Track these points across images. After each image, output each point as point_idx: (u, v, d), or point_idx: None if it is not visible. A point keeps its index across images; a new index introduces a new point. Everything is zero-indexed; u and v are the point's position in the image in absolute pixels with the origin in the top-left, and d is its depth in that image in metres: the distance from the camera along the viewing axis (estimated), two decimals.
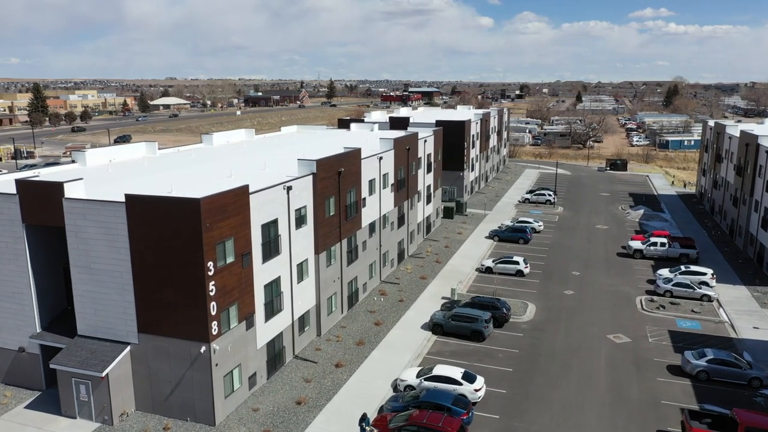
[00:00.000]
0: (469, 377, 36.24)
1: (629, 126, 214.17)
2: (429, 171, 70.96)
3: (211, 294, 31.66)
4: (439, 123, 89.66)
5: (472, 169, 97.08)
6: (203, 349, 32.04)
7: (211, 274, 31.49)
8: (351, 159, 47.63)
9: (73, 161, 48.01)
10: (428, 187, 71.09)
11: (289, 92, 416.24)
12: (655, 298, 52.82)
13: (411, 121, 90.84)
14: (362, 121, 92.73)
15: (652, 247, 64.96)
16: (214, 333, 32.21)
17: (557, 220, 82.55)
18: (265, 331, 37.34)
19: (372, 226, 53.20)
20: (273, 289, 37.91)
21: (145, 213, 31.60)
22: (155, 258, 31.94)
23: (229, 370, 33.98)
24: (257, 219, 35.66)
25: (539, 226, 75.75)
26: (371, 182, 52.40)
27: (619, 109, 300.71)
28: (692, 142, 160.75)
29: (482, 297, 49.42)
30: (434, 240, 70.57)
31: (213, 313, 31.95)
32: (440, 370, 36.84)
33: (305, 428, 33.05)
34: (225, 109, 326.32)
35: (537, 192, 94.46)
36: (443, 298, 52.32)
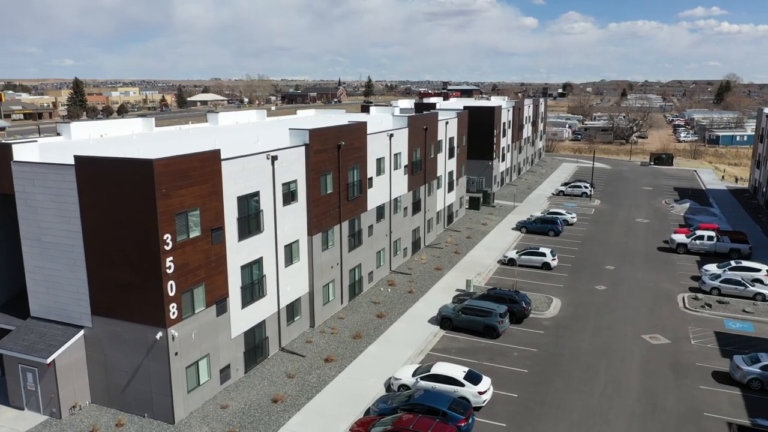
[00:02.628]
0: (474, 378, 31.07)
1: (677, 123, 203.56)
2: (451, 156, 65.70)
3: (169, 272, 27.36)
4: (467, 108, 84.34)
5: (503, 159, 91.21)
6: (159, 335, 27.78)
7: (168, 248, 27.20)
8: (354, 133, 42.92)
9: (58, 134, 44.63)
10: (450, 173, 65.82)
11: (327, 90, 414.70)
12: (699, 295, 46.45)
13: (438, 107, 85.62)
14: (388, 106, 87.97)
15: (698, 241, 58.25)
16: (173, 317, 27.91)
17: (593, 213, 76.16)
18: (242, 318, 32.92)
19: (380, 210, 48.37)
20: (253, 271, 33.47)
21: (96, 177, 27.55)
22: (108, 230, 27.85)
23: (194, 360, 29.66)
24: (232, 190, 31.26)
25: (572, 218, 69.61)
26: (380, 161, 47.58)
27: (667, 107, 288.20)
28: (745, 138, 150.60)
29: (499, 289, 44.00)
30: (456, 230, 65.26)
31: (171, 294, 27.64)
32: (440, 368, 31.77)
33: (277, 430, 28.44)
34: (262, 105, 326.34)
35: (572, 184, 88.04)
36: (457, 290, 47.12)
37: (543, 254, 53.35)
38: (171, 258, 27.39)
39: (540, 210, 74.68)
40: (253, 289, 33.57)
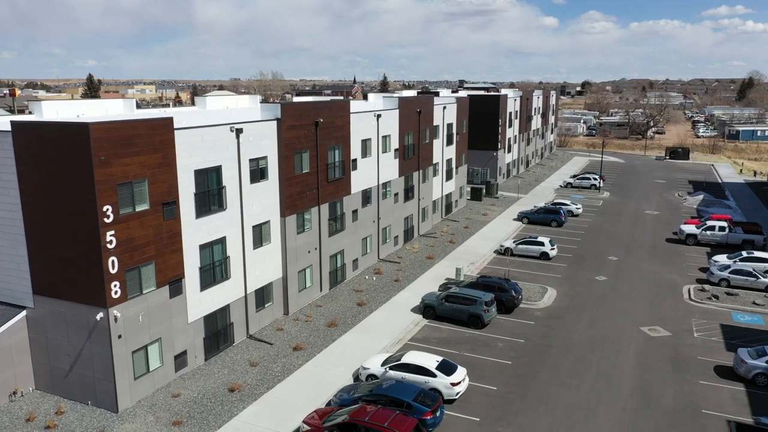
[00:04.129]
0: (447, 368, 28.44)
1: (696, 118, 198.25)
2: (450, 143, 63.01)
3: (110, 247, 25.16)
4: (470, 96, 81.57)
5: (509, 151, 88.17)
6: (100, 316, 25.60)
7: (108, 221, 25.01)
8: (335, 110, 40.50)
9: (30, 113, 42.80)
10: (448, 161, 63.14)
11: (343, 88, 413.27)
12: (707, 287, 43.27)
13: (442, 95, 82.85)
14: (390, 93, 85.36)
15: (708, 232, 54.92)
16: (115, 296, 25.71)
17: (601, 205, 72.94)
18: (202, 301, 30.65)
19: (366, 194, 45.89)
20: (214, 251, 31.20)
21: (33, 144, 25.45)
22: (47, 201, 25.76)
23: (142, 345, 27.45)
24: (188, 162, 29.02)
25: (577, 208, 66.51)
26: (366, 142, 45.11)
27: (687, 104, 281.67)
28: (766, 133, 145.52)
29: (488, 278, 41.25)
30: (453, 220, 62.55)
31: (113, 271, 25.44)
32: (411, 357, 29.20)
33: (228, 421, 26.12)
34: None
35: (581, 176, 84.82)
36: (447, 279, 44.49)
37: (541, 244, 50.48)
38: (112, 232, 25.19)
39: (545, 202, 71.63)
40: (214, 271, 31.30)
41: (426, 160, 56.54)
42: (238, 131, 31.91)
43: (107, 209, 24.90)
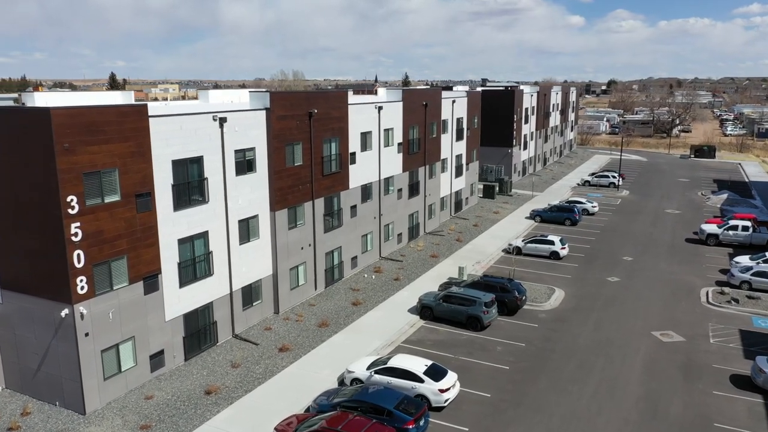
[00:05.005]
0: (436, 373, 26.55)
1: (724, 117, 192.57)
2: (459, 139, 60.95)
3: (75, 240, 23.79)
4: (483, 91, 79.42)
5: (525, 148, 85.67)
6: (65, 312, 24.26)
7: (73, 212, 23.63)
8: (331, 101, 38.82)
9: (23, 103, 41.91)
10: (458, 157, 61.08)
11: (365, 87, 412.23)
12: (726, 289, 40.64)
13: (456, 89, 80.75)
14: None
15: (731, 231, 52.06)
16: (82, 292, 24.34)
17: (619, 203, 70.20)
18: (181, 299, 29.20)
19: (366, 190, 44.14)
20: (195, 246, 29.73)
21: None
22: (12, 191, 24.50)
23: (113, 343, 26.06)
24: (165, 152, 27.57)
25: (593, 207, 63.94)
26: (366, 135, 43.36)
27: (716, 103, 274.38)
28: None
29: (491, 277, 39.19)
30: (463, 218, 60.48)
31: (79, 265, 24.08)
32: (398, 361, 27.36)
33: (199, 426, 24.57)
34: None
35: (599, 174, 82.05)
36: (449, 278, 42.54)
37: (551, 242, 48.21)
38: (77, 224, 23.81)
39: (560, 200, 69.09)
40: (195, 267, 29.83)
41: (433, 155, 54.58)
42: (222, 120, 30.40)
43: (71, 200, 23.53)
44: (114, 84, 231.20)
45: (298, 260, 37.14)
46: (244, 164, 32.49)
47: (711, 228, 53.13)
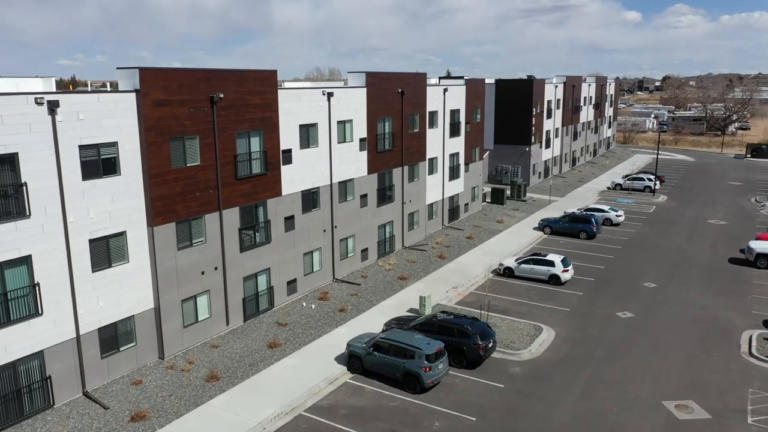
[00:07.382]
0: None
1: None
2: (456, 134, 51.49)
3: None
4: (498, 82, 69.72)
5: (547, 146, 75.21)
6: None
7: None
8: (249, 83, 30.22)
9: None
10: (453, 156, 51.64)
11: None
12: None
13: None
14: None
15: None
16: None
17: (652, 211, 59.31)
18: None
19: (310, 196, 35.41)
20: (6, 277, 21.61)
21: None
22: None
23: None
24: None
25: (618, 215, 53.46)
26: (308, 128, 34.62)
27: None
28: None
29: (449, 315, 29.66)
30: (457, 228, 51.01)
31: None
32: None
33: None
34: None
35: (634, 177, 70.97)
36: (409, 310, 33.44)
37: (551, 263, 38.39)
38: None
39: (581, 207, 58.70)
40: (6, 306, 21.71)
41: (415, 153, 45.35)
42: (52, 105, 22.19)
43: None
44: None
45: (197, 288, 28.70)
46: (98, 165, 24.21)
47: (763, 246, 42.16)
